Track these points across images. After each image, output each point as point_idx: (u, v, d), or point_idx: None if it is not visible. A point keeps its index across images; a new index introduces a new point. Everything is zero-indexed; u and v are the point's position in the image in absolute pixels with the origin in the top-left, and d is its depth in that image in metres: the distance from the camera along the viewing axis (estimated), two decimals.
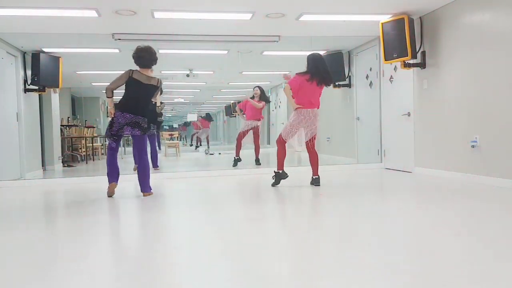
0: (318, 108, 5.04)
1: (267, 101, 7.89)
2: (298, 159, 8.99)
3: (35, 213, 3.96)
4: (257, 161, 7.69)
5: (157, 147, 11.35)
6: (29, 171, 7.10)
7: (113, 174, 4.63)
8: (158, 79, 4.70)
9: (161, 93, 7.39)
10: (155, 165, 7.36)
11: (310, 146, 5.08)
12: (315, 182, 5.03)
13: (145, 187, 4.66)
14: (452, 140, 5.52)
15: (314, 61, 4.99)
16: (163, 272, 2.15)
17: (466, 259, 2.23)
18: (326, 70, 5.02)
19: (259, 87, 7.75)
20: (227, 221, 3.36)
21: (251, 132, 7.68)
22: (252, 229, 3.08)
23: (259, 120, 7.68)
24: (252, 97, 7.70)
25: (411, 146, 6.42)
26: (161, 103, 7.56)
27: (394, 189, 4.88)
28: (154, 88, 4.68)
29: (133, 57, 4.59)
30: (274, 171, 5.05)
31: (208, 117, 12.99)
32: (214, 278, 2.05)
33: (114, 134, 4.56)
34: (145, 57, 4.55)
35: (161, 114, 8.08)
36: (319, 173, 5.03)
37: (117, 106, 4.56)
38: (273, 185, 5.03)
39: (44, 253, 2.57)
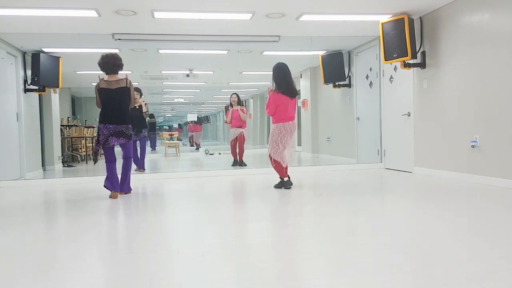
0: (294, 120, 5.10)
1: (242, 105, 8.33)
2: (298, 160, 8.99)
3: (35, 213, 3.96)
4: (242, 163, 7.87)
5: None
6: (29, 171, 7.11)
7: (114, 185, 4.69)
8: (126, 79, 4.70)
9: (141, 95, 7.39)
10: (142, 167, 7.36)
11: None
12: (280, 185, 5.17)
13: (126, 187, 4.85)
14: (452, 140, 5.52)
15: (283, 72, 5.07)
16: (162, 272, 2.15)
17: (466, 259, 2.23)
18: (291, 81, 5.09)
19: (236, 94, 8.14)
20: (227, 221, 3.37)
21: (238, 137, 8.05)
22: (251, 229, 3.09)
23: (241, 127, 8.00)
24: (231, 105, 8.07)
25: (411, 146, 6.43)
26: (145, 104, 7.53)
27: (394, 189, 4.88)
28: (125, 90, 4.66)
29: (99, 64, 4.68)
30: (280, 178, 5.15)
31: (198, 121, 13.04)
32: (214, 278, 2.06)
33: (102, 145, 4.63)
34: (109, 62, 4.63)
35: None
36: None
37: (99, 118, 4.63)
38: (275, 186, 5.16)
39: (44, 253, 2.57)
